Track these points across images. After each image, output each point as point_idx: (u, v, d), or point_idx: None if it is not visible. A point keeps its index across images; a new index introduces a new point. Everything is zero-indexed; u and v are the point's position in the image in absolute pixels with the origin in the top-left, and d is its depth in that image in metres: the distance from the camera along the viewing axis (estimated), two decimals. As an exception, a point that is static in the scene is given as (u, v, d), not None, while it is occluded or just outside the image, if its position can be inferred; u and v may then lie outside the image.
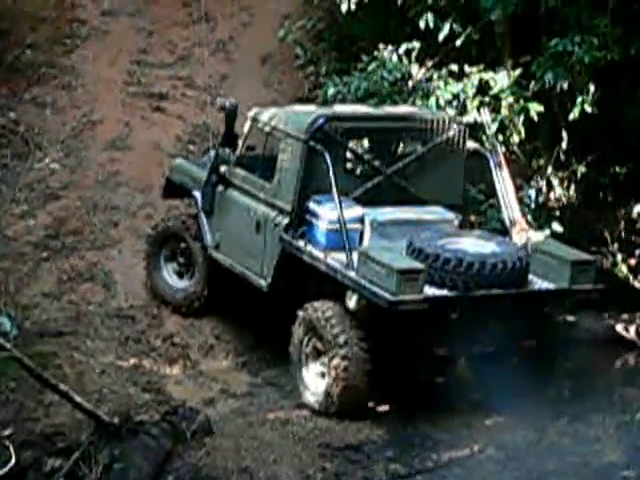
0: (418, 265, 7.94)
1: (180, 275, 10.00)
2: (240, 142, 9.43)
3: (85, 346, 9.42)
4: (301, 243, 8.64)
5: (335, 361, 8.19)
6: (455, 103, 9.67)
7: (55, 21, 13.33)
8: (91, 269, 10.31)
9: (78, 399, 7.54)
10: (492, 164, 8.97)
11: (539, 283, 8.28)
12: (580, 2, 9.46)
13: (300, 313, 8.57)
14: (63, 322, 9.68)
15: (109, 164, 11.43)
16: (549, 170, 10.05)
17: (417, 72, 9.89)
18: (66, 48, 13.00)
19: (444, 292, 7.99)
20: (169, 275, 10.03)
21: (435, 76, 9.83)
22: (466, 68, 9.65)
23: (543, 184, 10.08)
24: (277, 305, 9.02)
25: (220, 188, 9.54)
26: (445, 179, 8.89)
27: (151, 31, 13.37)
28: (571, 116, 9.56)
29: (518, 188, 9.86)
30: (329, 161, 8.38)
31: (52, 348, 9.17)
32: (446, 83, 9.70)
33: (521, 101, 9.52)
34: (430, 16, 9.61)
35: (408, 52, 9.87)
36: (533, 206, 9.91)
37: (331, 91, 9.89)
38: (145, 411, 8.25)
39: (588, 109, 9.46)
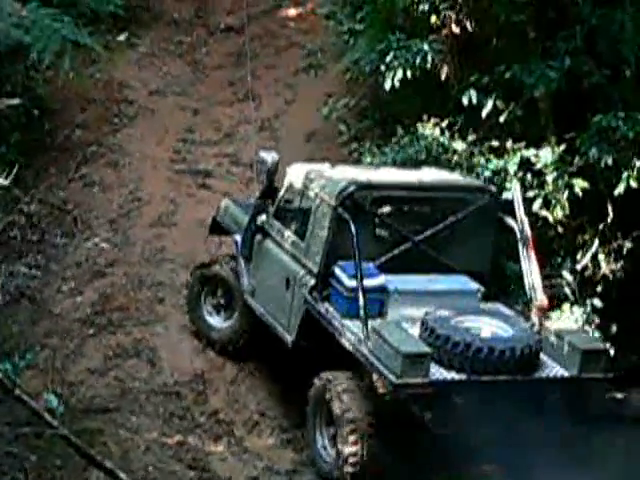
0: (424, 349, 7.98)
1: (220, 314, 10.19)
2: (279, 195, 9.61)
3: (130, 423, 9.41)
4: (323, 308, 8.71)
5: (344, 435, 8.26)
6: (496, 179, 9.69)
7: (104, 101, 13.63)
8: (136, 345, 10.34)
9: (123, 477, 7.52)
10: (519, 239, 8.88)
11: (551, 368, 8.27)
12: (623, 79, 9.49)
13: (315, 381, 8.65)
14: (109, 398, 9.68)
15: (155, 241, 11.55)
16: (594, 245, 9.99)
17: (458, 146, 9.93)
18: (114, 127, 13.27)
19: (451, 375, 8.02)
20: (209, 314, 10.23)
21: (476, 151, 9.86)
22: (508, 144, 9.69)
23: (587, 259, 10.01)
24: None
25: (258, 237, 9.71)
26: (474, 247, 8.93)
27: (197, 109, 13.62)
28: (616, 191, 9.54)
29: (561, 263, 9.83)
30: (354, 230, 8.49)
31: (98, 425, 9.17)
32: (488, 160, 9.74)
33: (565, 177, 9.51)
34: (473, 92, 9.68)
35: (450, 126, 9.93)
36: (576, 281, 9.84)
37: (367, 161, 9.98)
38: (190, 489, 8.24)
39: (633, 184, 9.44)
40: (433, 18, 10.30)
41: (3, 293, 10.69)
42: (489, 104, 9.69)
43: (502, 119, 9.78)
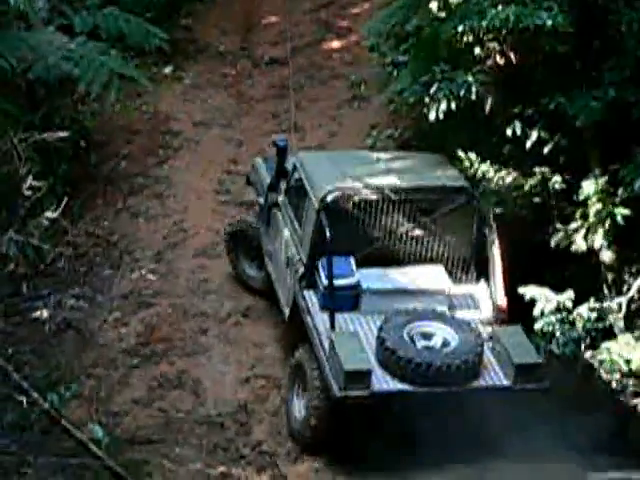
0: (365, 367, 8.87)
1: (254, 265, 11.19)
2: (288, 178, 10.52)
3: (174, 453, 9.44)
4: (307, 296, 9.63)
5: (312, 401, 9.20)
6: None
7: (149, 133, 13.78)
8: (180, 376, 10.38)
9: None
10: (488, 241, 9.66)
11: (490, 377, 9.05)
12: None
13: (295, 353, 9.61)
14: (153, 429, 9.73)
15: (199, 272, 11.62)
16: (640, 278, 9.88)
17: (500, 175, 9.92)
18: (159, 159, 13.40)
19: (394, 385, 8.93)
20: (247, 265, 11.26)
21: (522, 182, 9.84)
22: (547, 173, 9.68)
23: (634, 290, 9.90)
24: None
25: (274, 210, 10.64)
26: (453, 241, 9.80)
27: (241, 141, 13.71)
28: (660, 222, 9.45)
29: (608, 294, 9.76)
30: (329, 235, 9.34)
31: (142, 456, 9.21)
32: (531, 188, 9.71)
33: (609, 207, 9.43)
34: (518, 124, 9.66)
35: (495, 158, 9.91)
36: (622, 313, 9.72)
37: None
38: (234, 521, 8.22)
39: (677, 215, 9.34)
40: (477, 50, 10.28)
41: (50, 324, 10.77)
42: (533, 135, 9.65)
43: (546, 150, 9.73)
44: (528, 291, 9.23)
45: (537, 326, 9.09)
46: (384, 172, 10.15)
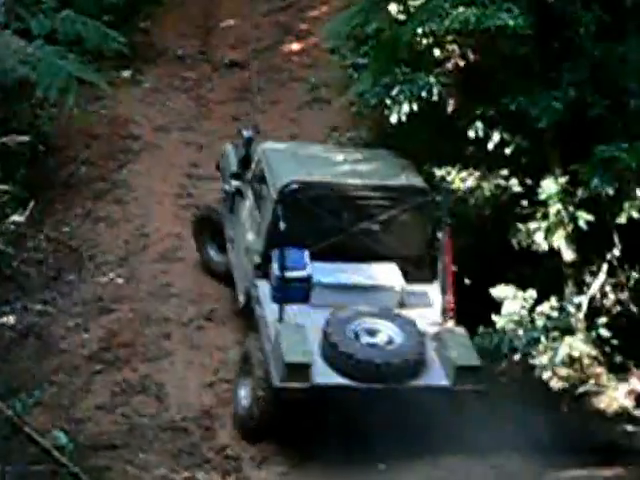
0: (305, 360, 8.99)
1: (217, 249, 11.29)
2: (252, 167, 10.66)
3: (138, 459, 9.37)
4: (260, 286, 9.76)
5: (256, 390, 9.35)
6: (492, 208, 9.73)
7: (109, 137, 13.67)
8: (143, 381, 10.31)
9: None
10: (440, 242, 9.74)
11: (431, 376, 9.18)
12: (627, 110, 9.50)
13: (245, 342, 9.83)
14: (116, 435, 9.65)
15: (161, 276, 11.55)
16: (601, 277, 9.96)
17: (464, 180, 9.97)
18: (119, 163, 13.30)
19: (335, 380, 9.05)
20: (210, 249, 11.38)
21: (483, 184, 9.89)
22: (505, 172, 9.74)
23: (595, 289, 9.99)
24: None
25: (237, 197, 10.80)
26: (408, 238, 9.95)
27: (202, 144, 13.65)
28: (618, 221, 9.52)
29: (569, 294, 9.83)
30: (282, 227, 9.47)
31: (106, 462, 9.14)
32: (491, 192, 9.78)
33: (570, 208, 9.50)
34: (479, 125, 9.69)
35: (456, 160, 9.95)
36: (583, 312, 9.80)
37: None
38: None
39: (635, 214, 9.41)
40: (437, 52, 10.32)
41: (10, 330, 10.66)
42: (495, 136, 9.70)
43: (508, 151, 9.78)
44: (497, 291, 9.29)
45: (499, 324, 9.13)
46: (344, 168, 10.25)
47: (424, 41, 10.30)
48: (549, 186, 9.49)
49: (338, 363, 9.11)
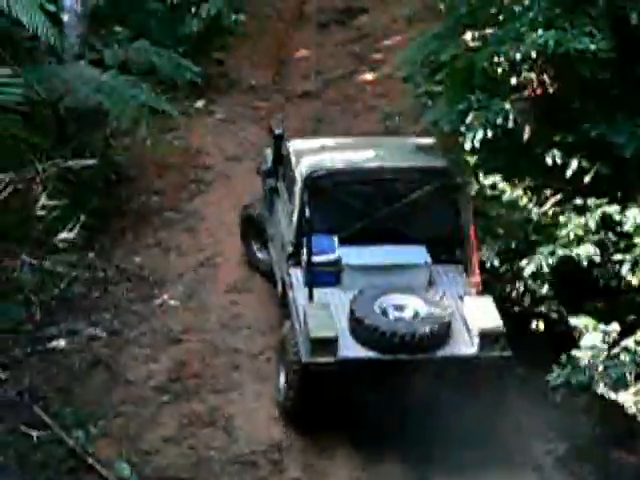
0: (331, 335, 9.23)
1: (263, 248, 11.54)
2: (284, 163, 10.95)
3: (206, 493, 9.23)
4: (293, 274, 10.02)
5: (289, 372, 9.63)
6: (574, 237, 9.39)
7: (181, 167, 13.65)
8: (212, 413, 10.15)
9: None
10: (465, 221, 9.95)
11: (457, 346, 9.36)
12: None
13: (281, 330, 10.05)
14: (183, 468, 9.51)
15: (230, 307, 11.41)
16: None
17: (542, 208, 9.66)
18: (191, 193, 13.26)
19: (362, 353, 9.31)
20: (257, 248, 11.65)
21: (559, 211, 9.58)
22: (590, 201, 9.38)
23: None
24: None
25: (274, 195, 11.11)
26: (433, 220, 10.17)
27: (274, 175, 13.52)
28: None
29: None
30: (308, 214, 9.80)
31: (172, 495, 9.00)
32: (569, 219, 9.46)
33: (656, 238, 9.14)
34: (557, 152, 9.41)
35: (534, 188, 9.67)
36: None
37: None
38: None
39: None
40: (513, 79, 10.08)
41: (80, 360, 10.61)
42: (574, 164, 9.40)
43: (587, 179, 9.47)
44: (578, 321, 8.94)
45: (582, 358, 8.78)
46: (369, 154, 10.55)
47: (499, 69, 10.07)
48: (634, 215, 9.13)
49: (364, 337, 9.34)
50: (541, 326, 9.52)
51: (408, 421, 9.35)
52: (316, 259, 9.78)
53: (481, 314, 9.43)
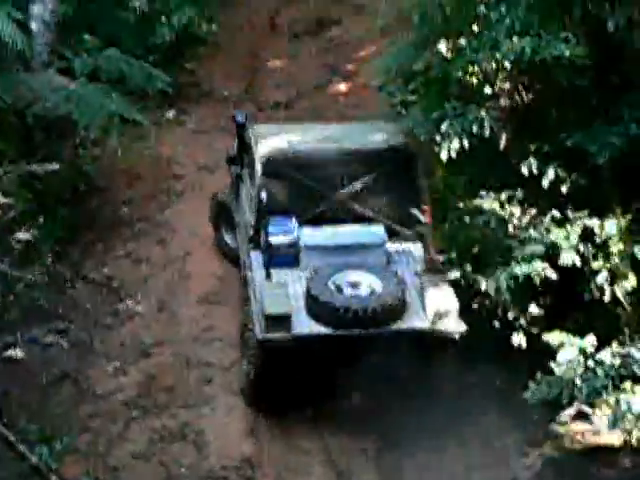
0: (286, 311, 9.49)
1: (231, 234, 11.65)
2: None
3: (176, 511, 9.03)
4: (253, 256, 10.22)
5: (250, 355, 9.88)
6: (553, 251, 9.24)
7: (152, 177, 13.45)
8: (183, 428, 9.96)
9: None
10: (421, 200, 10.25)
11: (410, 321, 9.58)
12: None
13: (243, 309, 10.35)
14: (153, 485, 9.33)
15: (202, 319, 11.22)
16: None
17: (519, 219, 9.52)
18: (162, 204, 13.05)
19: (316, 329, 9.52)
20: (225, 233, 11.82)
21: (538, 223, 9.43)
22: (569, 214, 9.26)
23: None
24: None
25: (239, 182, 11.35)
26: (392, 199, 10.40)
27: (246, 186, 13.34)
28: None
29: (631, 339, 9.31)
30: (264, 197, 10.07)
31: (141, 513, 8.80)
32: (547, 230, 9.31)
33: (634, 249, 9.01)
34: (533, 161, 9.30)
35: (510, 199, 9.53)
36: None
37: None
38: None
39: (703, 255, 8.91)
40: (488, 89, 9.98)
41: (46, 373, 10.39)
42: (550, 173, 9.28)
43: (564, 189, 9.35)
44: (552, 337, 8.79)
45: (558, 373, 8.62)
46: (327, 137, 10.76)
47: (474, 79, 9.97)
48: (610, 226, 9.03)
49: (319, 314, 9.57)
50: (523, 342, 9.37)
51: (363, 394, 9.72)
52: (274, 240, 10.06)
53: (436, 290, 9.63)
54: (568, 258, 9.06)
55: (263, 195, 10.10)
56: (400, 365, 9.36)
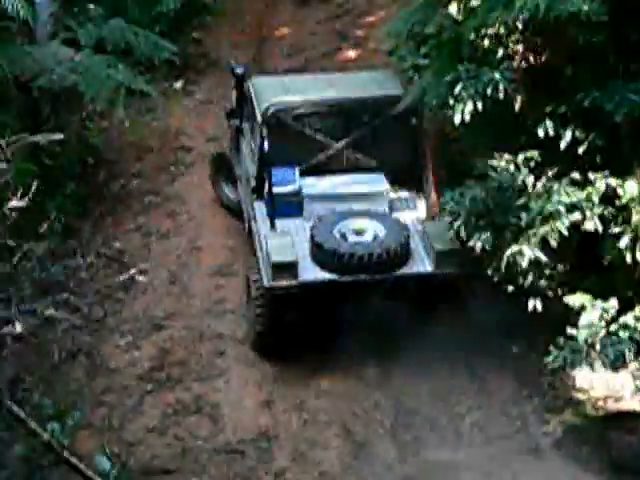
0: (291, 259, 9.62)
1: (231, 187, 11.79)
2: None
3: (192, 484, 8.93)
4: (257, 206, 10.40)
5: (255, 305, 9.97)
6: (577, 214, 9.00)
7: (161, 149, 13.29)
8: (197, 401, 9.90)
9: None
10: (421, 149, 10.44)
11: (415, 265, 9.81)
12: None
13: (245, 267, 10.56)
14: (169, 459, 9.28)
15: (214, 291, 11.10)
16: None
17: (535, 182, 9.29)
18: (171, 176, 12.91)
19: (322, 275, 9.71)
20: (226, 186, 11.88)
21: (555, 187, 9.19)
22: (590, 175, 9.02)
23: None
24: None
25: (239, 135, 11.45)
26: (392, 148, 10.50)
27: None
28: None
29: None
30: (267, 147, 10.17)
31: (157, 487, 8.71)
32: (567, 193, 9.06)
33: (654, 210, 8.78)
34: (549, 123, 9.07)
35: (526, 161, 9.31)
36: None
37: (449, 205, 9.39)
38: None
39: None
40: (500, 51, 9.75)
41: (59, 349, 10.29)
42: (567, 135, 9.05)
43: (581, 150, 9.12)
44: (574, 300, 8.60)
45: (580, 337, 8.43)
46: (327, 87, 10.88)
47: (486, 41, 9.73)
48: (630, 187, 8.78)
49: (324, 261, 9.73)
50: (538, 306, 9.16)
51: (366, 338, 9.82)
52: (277, 190, 10.15)
53: (438, 235, 9.77)
54: (590, 224, 8.82)
55: (265, 146, 10.13)
56: (405, 308, 9.69)
